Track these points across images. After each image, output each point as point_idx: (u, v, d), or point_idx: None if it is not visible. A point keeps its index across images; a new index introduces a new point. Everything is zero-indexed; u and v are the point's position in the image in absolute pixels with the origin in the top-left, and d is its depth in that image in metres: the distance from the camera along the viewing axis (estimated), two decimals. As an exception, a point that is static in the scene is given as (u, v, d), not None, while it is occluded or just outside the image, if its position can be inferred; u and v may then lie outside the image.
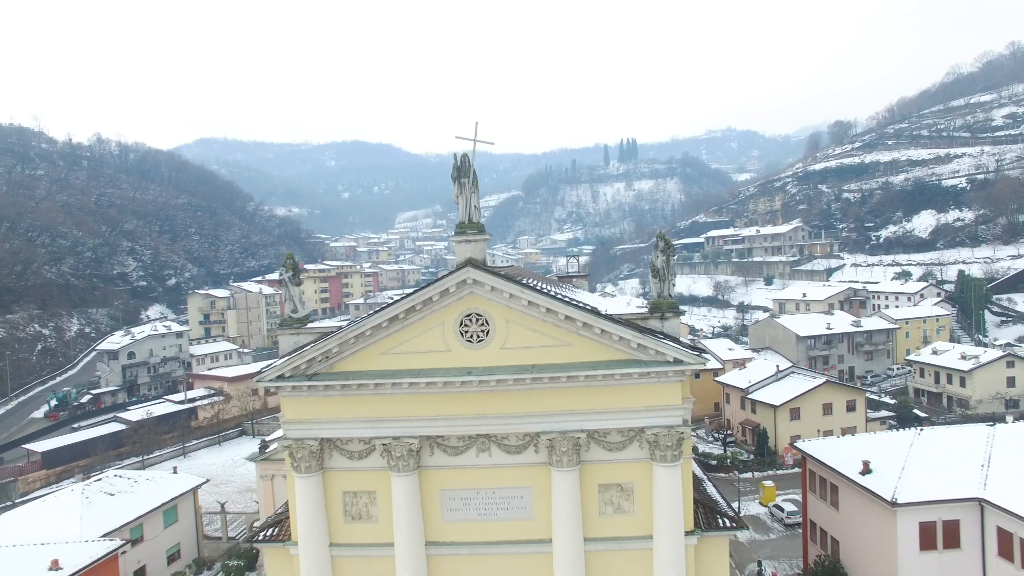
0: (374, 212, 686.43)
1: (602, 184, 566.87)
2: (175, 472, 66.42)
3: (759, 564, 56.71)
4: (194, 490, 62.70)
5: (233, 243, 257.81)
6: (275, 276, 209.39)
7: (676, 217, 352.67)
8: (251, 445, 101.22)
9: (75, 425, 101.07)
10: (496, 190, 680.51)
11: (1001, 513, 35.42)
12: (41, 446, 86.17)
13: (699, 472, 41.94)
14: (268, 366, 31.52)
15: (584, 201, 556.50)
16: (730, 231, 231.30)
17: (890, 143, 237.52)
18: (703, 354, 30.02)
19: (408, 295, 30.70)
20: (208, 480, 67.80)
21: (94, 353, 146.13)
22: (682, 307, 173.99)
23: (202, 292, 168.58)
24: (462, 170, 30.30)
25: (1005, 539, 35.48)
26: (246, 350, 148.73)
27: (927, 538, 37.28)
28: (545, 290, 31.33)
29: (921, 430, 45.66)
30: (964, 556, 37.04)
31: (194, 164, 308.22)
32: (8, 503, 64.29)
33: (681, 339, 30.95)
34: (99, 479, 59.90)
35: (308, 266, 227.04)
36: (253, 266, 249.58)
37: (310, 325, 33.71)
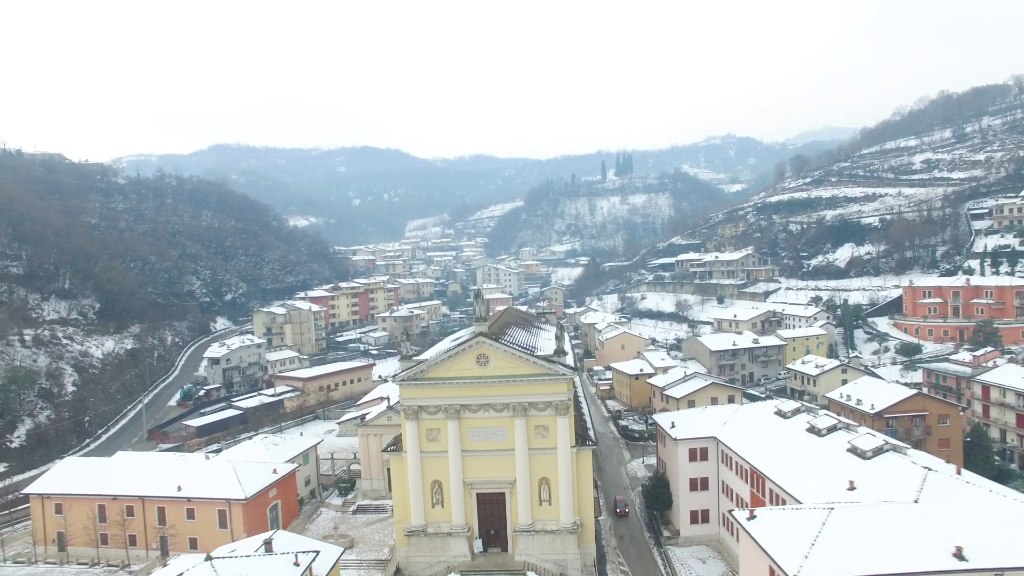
0: (385, 220, 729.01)
1: (599, 197, 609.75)
2: (301, 435, 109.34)
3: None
4: (314, 445, 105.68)
5: (274, 262, 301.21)
6: (316, 293, 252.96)
7: (661, 236, 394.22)
8: (325, 426, 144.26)
9: (202, 411, 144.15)
10: (501, 198, 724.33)
11: (722, 443, 77.96)
12: (195, 422, 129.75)
13: (590, 423, 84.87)
14: (398, 373, 74.35)
15: (582, 214, 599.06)
16: (695, 255, 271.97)
17: (833, 180, 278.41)
18: (576, 371, 72.59)
19: (456, 345, 73.59)
20: (322, 440, 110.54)
21: (186, 357, 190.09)
22: (648, 320, 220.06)
23: (265, 310, 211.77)
24: (477, 295, 73.35)
25: (724, 456, 78.08)
26: (304, 356, 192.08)
27: (693, 455, 79.88)
28: (514, 343, 74.00)
29: (706, 408, 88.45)
30: (709, 463, 79.61)
31: (237, 192, 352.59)
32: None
33: (568, 362, 73.72)
34: (265, 436, 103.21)
35: (342, 284, 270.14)
36: (291, 282, 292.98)
37: (416, 358, 76.88)
